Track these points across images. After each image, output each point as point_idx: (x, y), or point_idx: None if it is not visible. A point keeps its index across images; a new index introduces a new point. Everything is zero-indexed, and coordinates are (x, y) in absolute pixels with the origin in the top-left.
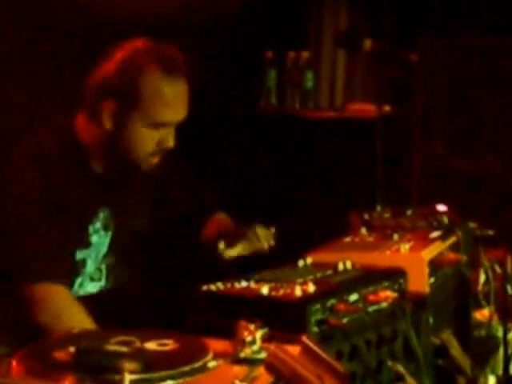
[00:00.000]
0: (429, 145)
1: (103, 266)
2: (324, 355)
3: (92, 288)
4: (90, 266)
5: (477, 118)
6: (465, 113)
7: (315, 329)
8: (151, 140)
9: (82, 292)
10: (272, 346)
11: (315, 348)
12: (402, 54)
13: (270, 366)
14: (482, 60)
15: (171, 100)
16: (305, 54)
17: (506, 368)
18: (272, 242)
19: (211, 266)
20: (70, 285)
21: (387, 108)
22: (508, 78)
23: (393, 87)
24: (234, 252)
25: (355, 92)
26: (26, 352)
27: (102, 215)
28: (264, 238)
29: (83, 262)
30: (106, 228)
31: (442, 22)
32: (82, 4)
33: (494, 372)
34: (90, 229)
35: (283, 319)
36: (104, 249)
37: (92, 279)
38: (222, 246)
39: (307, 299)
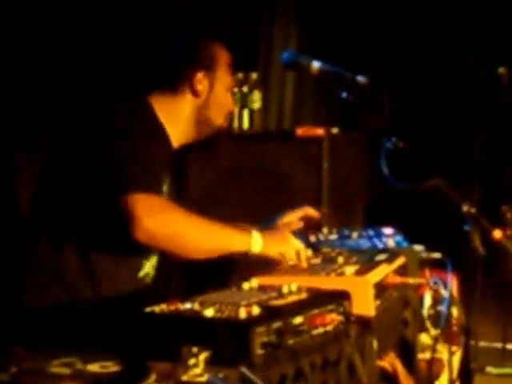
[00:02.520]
0: (376, 166)
1: None
2: None
3: None
4: None
5: (426, 139)
6: (413, 133)
7: (260, 351)
8: (229, 102)
9: None
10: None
11: (254, 379)
12: (351, 75)
13: None
14: (432, 79)
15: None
16: (253, 75)
17: None
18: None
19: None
20: None
21: (335, 130)
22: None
23: (342, 109)
24: None
25: (304, 114)
26: None
27: (165, 186)
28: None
29: None
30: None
31: (392, 41)
32: None
33: None
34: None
35: (228, 341)
36: None
37: None
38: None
39: (252, 321)
